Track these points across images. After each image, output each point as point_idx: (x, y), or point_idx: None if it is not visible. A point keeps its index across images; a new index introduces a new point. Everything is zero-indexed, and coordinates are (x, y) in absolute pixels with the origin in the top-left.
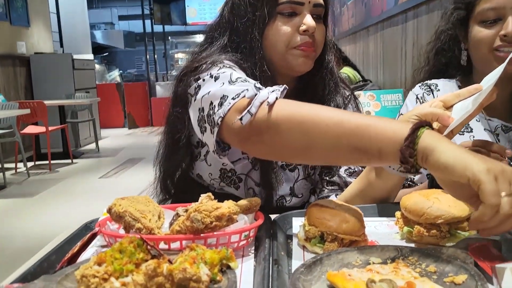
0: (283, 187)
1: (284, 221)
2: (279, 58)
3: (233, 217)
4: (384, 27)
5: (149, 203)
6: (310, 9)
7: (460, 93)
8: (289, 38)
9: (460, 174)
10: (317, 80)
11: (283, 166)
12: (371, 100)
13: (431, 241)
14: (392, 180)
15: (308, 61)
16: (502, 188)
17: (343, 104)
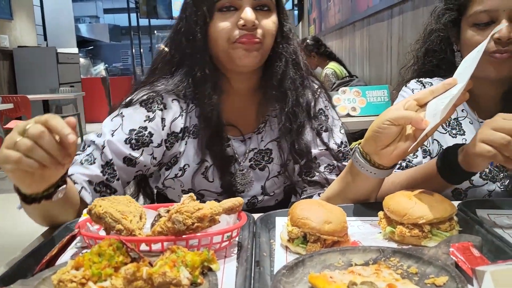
0: (253, 187)
1: (267, 221)
2: (223, 55)
3: (215, 218)
4: (370, 23)
5: (130, 204)
6: (251, 3)
7: (434, 90)
8: (228, 33)
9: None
10: (281, 76)
11: (252, 165)
12: (357, 96)
13: (413, 241)
14: (369, 181)
15: (250, 54)
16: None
17: (312, 99)
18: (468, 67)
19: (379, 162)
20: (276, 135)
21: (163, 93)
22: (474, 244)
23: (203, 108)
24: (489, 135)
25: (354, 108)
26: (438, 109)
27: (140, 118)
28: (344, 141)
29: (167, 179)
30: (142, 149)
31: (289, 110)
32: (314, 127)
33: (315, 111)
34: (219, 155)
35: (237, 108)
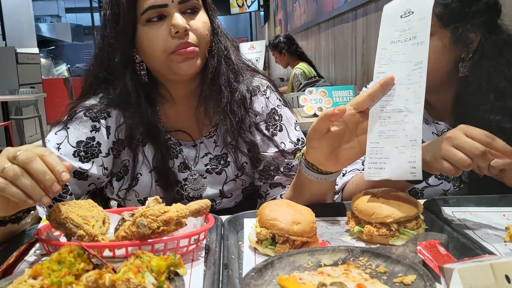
0: (207, 191)
1: (235, 223)
2: (161, 67)
3: (181, 221)
4: (335, 24)
5: (92, 208)
6: (178, 7)
7: (372, 93)
8: (163, 44)
9: None
10: (213, 74)
11: (208, 170)
12: (323, 96)
13: (381, 240)
14: (320, 185)
15: (192, 62)
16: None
17: (248, 93)
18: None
19: (325, 170)
20: (229, 138)
21: (103, 105)
22: (441, 242)
23: (135, 121)
24: (451, 154)
25: (320, 108)
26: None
27: (87, 129)
28: (301, 138)
29: (121, 190)
30: (92, 160)
31: (225, 107)
32: (268, 128)
33: (267, 111)
34: (159, 166)
35: (183, 113)
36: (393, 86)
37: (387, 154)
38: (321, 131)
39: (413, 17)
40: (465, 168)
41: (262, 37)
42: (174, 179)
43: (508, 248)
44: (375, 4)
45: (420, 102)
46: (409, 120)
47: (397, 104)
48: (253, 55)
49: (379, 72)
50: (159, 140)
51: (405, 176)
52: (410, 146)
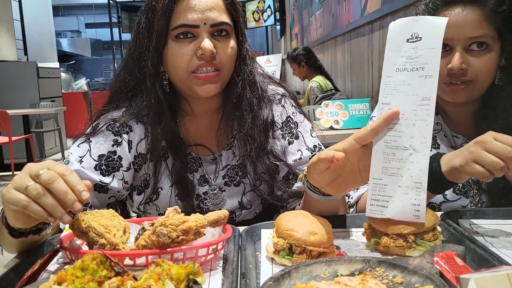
0: (226, 205)
1: (253, 233)
2: (181, 83)
3: (200, 231)
4: (351, 37)
5: (114, 218)
6: (209, 30)
7: (375, 127)
8: (187, 62)
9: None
10: (237, 98)
11: (226, 182)
12: (340, 109)
13: (397, 251)
14: (328, 203)
15: (211, 85)
16: None
17: (271, 115)
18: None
19: (328, 193)
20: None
21: (126, 118)
22: (458, 253)
23: (158, 132)
24: (484, 157)
25: (337, 121)
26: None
27: (108, 143)
28: (318, 144)
29: (141, 204)
30: (113, 174)
31: (246, 132)
32: (284, 137)
33: (282, 119)
34: (178, 175)
35: (203, 127)
36: (398, 121)
37: (390, 193)
38: (320, 169)
39: (421, 44)
40: (498, 171)
41: (278, 51)
42: (193, 188)
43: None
44: (391, 17)
45: (426, 142)
46: (414, 160)
47: (402, 141)
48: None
49: (383, 102)
50: (181, 152)
51: (407, 217)
52: (414, 188)
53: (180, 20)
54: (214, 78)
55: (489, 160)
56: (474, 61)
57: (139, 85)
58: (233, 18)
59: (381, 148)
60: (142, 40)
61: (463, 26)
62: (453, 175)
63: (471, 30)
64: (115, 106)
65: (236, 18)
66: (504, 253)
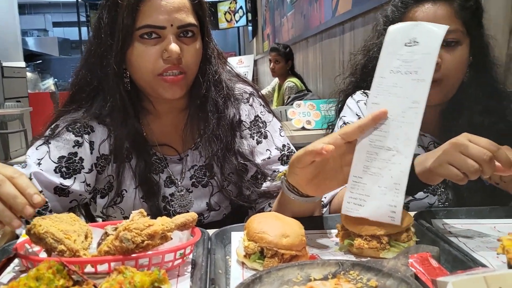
0: (194, 206)
1: (223, 236)
2: (146, 85)
3: (167, 235)
4: (323, 38)
5: (74, 222)
6: (175, 31)
7: (362, 125)
8: (153, 64)
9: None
10: (202, 99)
11: (194, 183)
12: (312, 109)
13: (371, 253)
14: (304, 205)
15: (177, 88)
16: None
17: (238, 115)
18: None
19: (307, 193)
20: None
21: (87, 118)
22: (432, 254)
23: (121, 133)
24: (459, 160)
25: (309, 122)
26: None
27: (69, 145)
28: (287, 143)
29: (105, 207)
30: (74, 176)
31: (212, 133)
32: (252, 136)
33: (250, 119)
34: (142, 175)
35: (168, 127)
36: (385, 121)
37: (369, 192)
38: (305, 163)
39: (418, 48)
40: (473, 173)
41: (250, 52)
42: (158, 189)
43: (500, 260)
44: (362, 19)
45: (410, 145)
46: (396, 161)
47: (386, 141)
48: (242, 70)
49: (373, 102)
50: (145, 153)
51: (383, 218)
52: (393, 189)
53: (146, 20)
54: (180, 82)
55: (464, 162)
56: (447, 57)
57: (101, 84)
58: (200, 18)
59: (365, 147)
60: (104, 38)
61: (434, 21)
62: (427, 176)
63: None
64: (77, 107)
65: (203, 18)
66: (479, 254)
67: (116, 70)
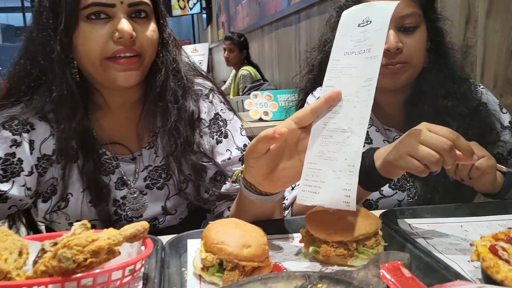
0: (148, 210)
1: (178, 245)
2: (95, 72)
3: (114, 249)
4: (279, 27)
5: (6, 237)
6: (126, 10)
7: (316, 108)
8: (102, 47)
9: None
10: (161, 88)
11: (148, 185)
12: (269, 100)
13: (338, 261)
14: (264, 205)
15: (132, 74)
16: None
17: (197, 110)
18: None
19: (264, 191)
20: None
21: (27, 115)
22: (404, 262)
23: (67, 130)
24: (418, 150)
25: (266, 113)
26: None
27: (6, 144)
28: (248, 143)
29: (48, 213)
30: (13, 180)
31: (171, 127)
32: (212, 135)
33: (210, 116)
34: (93, 184)
35: (120, 123)
36: (339, 102)
37: (324, 178)
38: (259, 152)
39: (370, 27)
40: (434, 164)
41: (205, 40)
42: (108, 192)
43: (472, 265)
44: (318, 8)
45: (364, 123)
46: (350, 142)
47: (341, 123)
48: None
49: (327, 85)
50: (93, 152)
51: (338, 204)
52: (347, 171)
53: None
54: (135, 64)
55: (424, 153)
56: (407, 40)
57: (44, 74)
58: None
59: (319, 131)
60: (46, 21)
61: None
62: (388, 170)
63: (401, 8)
64: (14, 100)
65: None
66: (449, 257)
67: (61, 57)
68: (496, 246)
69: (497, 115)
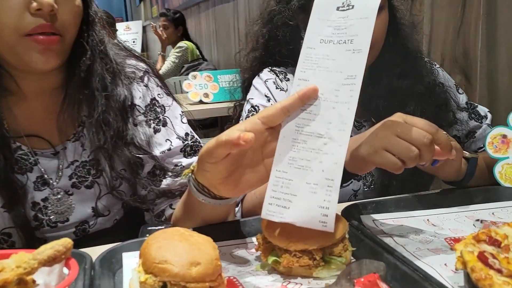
0: (81, 209)
1: (111, 261)
2: (8, 51)
3: (26, 280)
4: (216, 4)
5: None
6: None
7: (287, 105)
8: (17, 21)
9: None
10: (86, 73)
11: (75, 184)
12: (209, 81)
13: (302, 272)
14: (216, 208)
15: (51, 54)
16: None
17: (130, 96)
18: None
19: (219, 195)
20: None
21: None
22: (380, 274)
23: None
24: (396, 144)
25: (206, 95)
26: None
27: None
28: (190, 131)
29: None
30: None
31: (99, 118)
32: (149, 123)
33: (146, 102)
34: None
35: (38, 112)
36: (315, 101)
37: (295, 190)
38: (218, 157)
39: (353, 13)
40: (412, 160)
41: (138, 17)
42: (24, 194)
43: (450, 269)
44: None
45: (346, 130)
46: (328, 151)
47: (316, 126)
48: (129, 36)
49: (300, 78)
50: (4, 147)
51: (313, 223)
52: (325, 186)
53: None
54: (56, 45)
55: (402, 147)
56: (376, 23)
57: None
58: None
59: (290, 133)
60: None
61: None
62: (356, 165)
63: None
64: None
65: None
66: (423, 261)
67: None
68: (485, 253)
69: (454, 95)
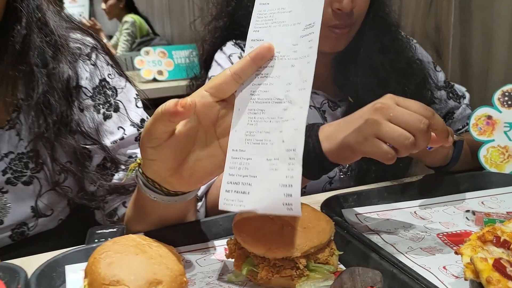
0: (18, 209)
1: (51, 276)
2: None
3: None
4: None
5: None
6: None
7: (238, 70)
8: None
9: None
10: (21, 46)
11: (10, 180)
12: (163, 57)
13: (283, 283)
14: (171, 207)
15: None
16: None
17: (75, 76)
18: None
19: (172, 189)
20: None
21: None
22: (377, 287)
23: None
24: (389, 131)
25: (160, 72)
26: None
27: None
28: (146, 117)
29: None
30: None
31: (39, 99)
32: (98, 108)
33: (94, 83)
34: None
35: None
36: (270, 62)
37: (255, 171)
38: (159, 137)
39: None
40: (406, 148)
41: None
42: None
43: (450, 273)
44: None
45: (306, 88)
46: (289, 117)
47: (274, 91)
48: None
49: (253, 38)
50: None
51: (276, 208)
52: (286, 158)
53: None
54: None
55: (396, 133)
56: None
57: None
58: None
59: (245, 104)
60: None
61: None
62: (342, 155)
63: None
64: None
65: None
66: (420, 264)
67: None
68: (502, 260)
69: (433, 73)
